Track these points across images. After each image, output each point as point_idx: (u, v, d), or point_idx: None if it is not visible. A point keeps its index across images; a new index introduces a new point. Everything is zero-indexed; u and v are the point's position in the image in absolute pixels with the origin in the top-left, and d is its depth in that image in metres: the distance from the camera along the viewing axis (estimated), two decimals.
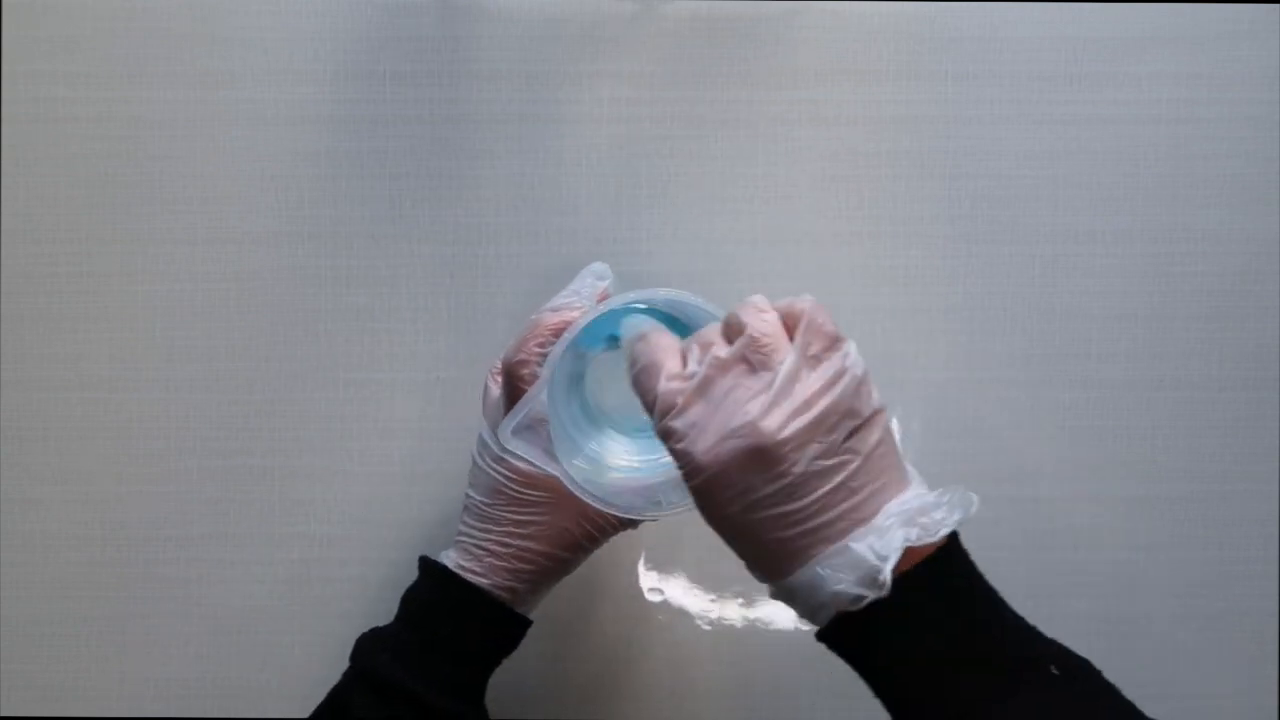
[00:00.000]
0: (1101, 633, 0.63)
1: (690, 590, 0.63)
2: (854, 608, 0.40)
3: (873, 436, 0.41)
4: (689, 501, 0.44)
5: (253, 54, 0.63)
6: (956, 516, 0.41)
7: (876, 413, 0.42)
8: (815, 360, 0.42)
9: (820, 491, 0.40)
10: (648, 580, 0.63)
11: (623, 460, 0.52)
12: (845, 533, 0.40)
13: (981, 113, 0.63)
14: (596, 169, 0.63)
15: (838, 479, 0.40)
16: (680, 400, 0.42)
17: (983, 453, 0.64)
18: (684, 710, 0.63)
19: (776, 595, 0.43)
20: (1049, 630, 0.43)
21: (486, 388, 0.55)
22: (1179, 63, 0.63)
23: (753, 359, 0.42)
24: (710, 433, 0.41)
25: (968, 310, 0.63)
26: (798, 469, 0.40)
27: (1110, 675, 0.42)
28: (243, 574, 0.63)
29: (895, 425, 0.62)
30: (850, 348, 0.43)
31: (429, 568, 0.54)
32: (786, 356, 0.41)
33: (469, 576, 0.52)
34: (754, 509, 0.41)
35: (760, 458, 0.40)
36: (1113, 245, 0.63)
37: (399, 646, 0.52)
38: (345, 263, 0.63)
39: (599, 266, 0.58)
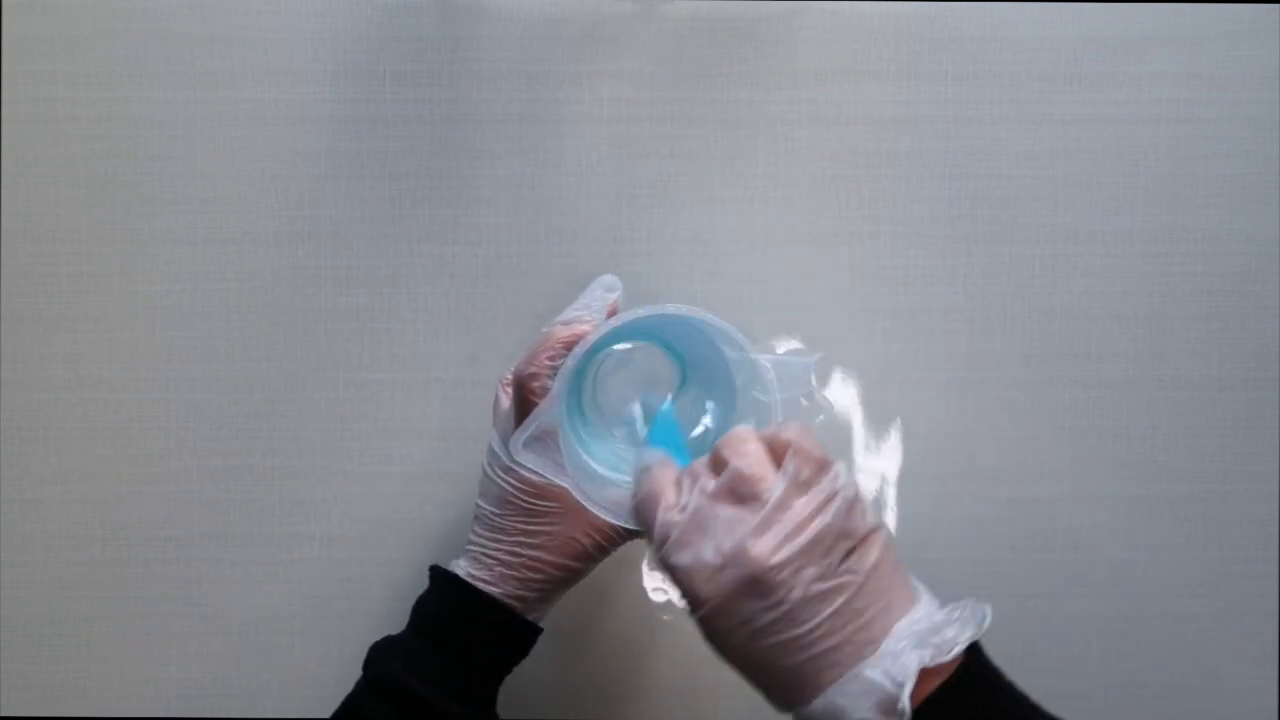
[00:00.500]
0: (1101, 633, 0.63)
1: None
2: None
3: (871, 556, 0.42)
4: None
5: (253, 54, 0.63)
6: (969, 633, 0.41)
7: (873, 531, 0.42)
8: (805, 485, 0.42)
9: (822, 615, 0.40)
10: (653, 580, 0.63)
11: (631, 474, 0.53)
12: (855, 656, 0.40)
13: (981, 113, 0.63)
14: (596, 169, 0.63)
15: (839, 601, 0.41)
16: (675, 533, 0.43)
17: (983, 453, 0.64)
18: (689, 710, 0.63)
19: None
20: (1050, 630, 0.43)
21: (497, 399, 0.55)
22: (1179, 63, 0.63)
23: (740, 492, 0.42)
24: (706, 564, 0.42)
25: (968, 310, 0.63)
26: (795, 594, 0.40)
27: (1110, 675, 0.42)
28: (243, 574, 0.63)
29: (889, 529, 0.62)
30: (839, 469, 0.43)
31: (440, 577, 0.54)
32: (775, 485, 0.42)
33: (480, 585, 0.52)
34: (758, 637, 0.41)
35: (756, 586, 0.41)
36: (1113, 245, 0.63)
37: (411, 654, 0.52)
38: (345, 263, 0.63)
39: (609, 279, 0.58)
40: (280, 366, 0.63)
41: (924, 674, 0.40)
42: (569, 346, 0.52)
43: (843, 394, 0.63)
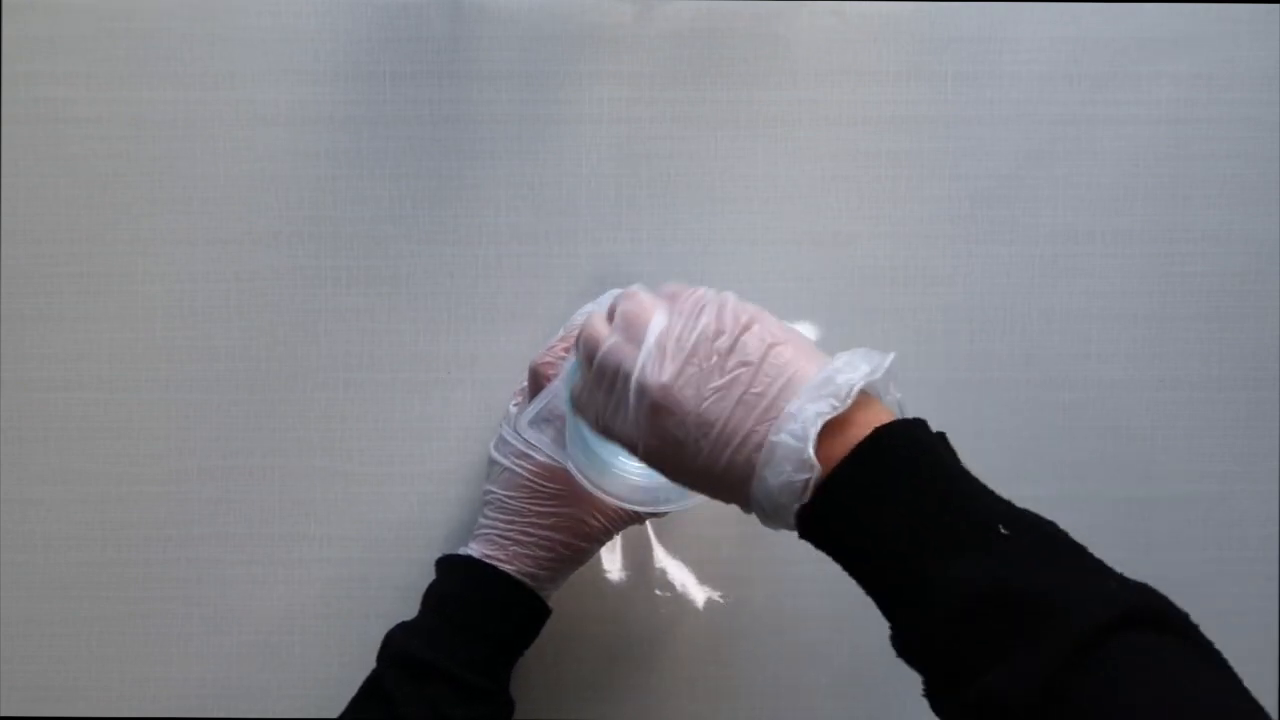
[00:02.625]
0: None
1: (697, 589, 0.63)
2: (806, 498, 0.41)
3: (755, 342, 0.43)
4: (686, 498, 0.45)
5: (253, 54, 0.63)
6: (861, 371, 0.42)
7: (750, 320, 0.44)
8: (678, 312, 0.44)
9: (727, 409, 0.42)
10: (656, 580, 0.63)
11: (631, 463, 0.53)
12: (767, 434, 0.42)
13: (981, 113, 0.63)
14: (596, 169, 0.63)
15: (738, 392, 0.42)
16: (585, 396, 0.46)
17: (983, 453, 0.63)
18: (692, 709, 0.63)
19: (765, 522, 0.44)
20: None
21: (509, 406, 0.59)
22: (1179, 63, 0.63)
23: (630, 334, 0.45)
24: (618, 407, 0.44)
25: (968, 310, 0.63)
26: (695, 400, 0.42)
27: None
28: (243, 574, 0.63)
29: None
30: (705, 289, 0.45)
31: (452, 561, 0.56)
32: (652, 320, 0.44)
33: (494, 564, 0.54)
34: (688, 453, 0.43)
35: (661, 410, 0.43)
36: (1113, 245, 0.63)
37: (431, 633, 0.54)
38: (345, 263, 0.63)
39: (617, 292, 0.60)
40: (280, 366, 0.63)
41: (851, 429, 0.41)
42: None
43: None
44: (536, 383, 0.55)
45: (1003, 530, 0.40)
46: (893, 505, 0.40)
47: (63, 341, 0.63)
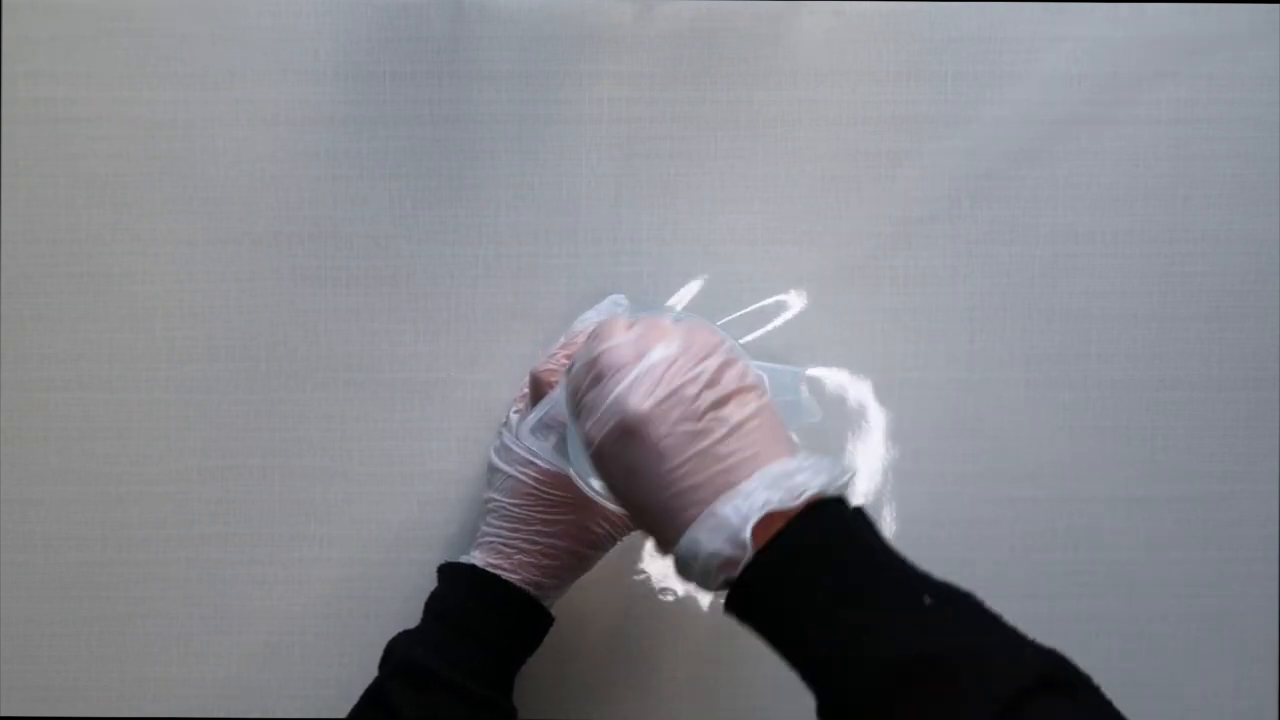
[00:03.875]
0: (1101, 633, 0.63)
1: (698, 588, 0.63)
2: (732, 573, 0.42)
3: (745, 408, 0.44)
4: None
5: (253, 54, 0.63)
6: (821, 480, 0.43)
7: (745, 390, 0.45)
8: (687, 350, 0.45)
9: (687, 454, 0.43)
10: (657, 579, 0.63)
11: None
12: (714, 496, 0.43)
13: (981, 113, 0.63)
14: (596, 169, 0.63)
15: (704, 444, 0.43)
16: (576, 381, 0.47)
17: (983, 453, 0.64)
18: (692, 710, 0.63)
19: (678, 572, 0.45)
20: (1050, 630, 0.42)
21: (508, 414, 0.58)
22: (1179, 63, 0.63)
23: (639, 346, 0.45)
24: (593, 410, 0.45)
25: (968, 310, 0.63)
26: (662, 433, 0.43)
27: (1111, 675, 0.42)
28: (243, 574, 0.63)
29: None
30: (727, 340, 0.46)
31: (455, 569, 0.56)
32: (663, 336, 0.45)
33: (498, 573, 0.54)
34: (635, 476, 0.44)
35: (629, 431, 0.43)
36: (1113, 245, 0.63)
37: (433, 641, 0.54)
38: (345, 263, 0.63)
39: (618, 297, 0.62)
40: (280, 366, 0.63)
41: (778, 516, 0.42)
42: None
43: (842, 394, 0.63)
44: (538, 389, 0.55)
45: (927, 600, 0.41)
46: (814, 585, 0.41)
47: (63, 341, 0.63)
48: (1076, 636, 0.63)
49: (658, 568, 0.63)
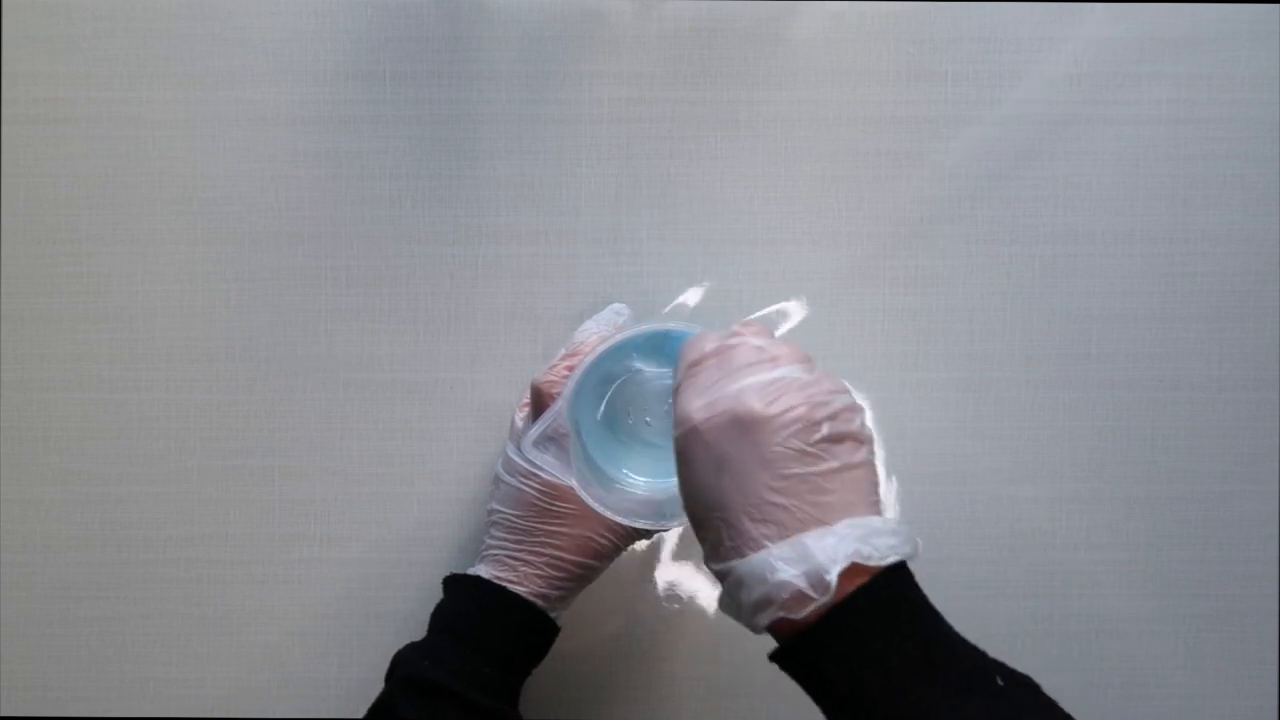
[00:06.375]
0: (1101, 633, 0.63)
1: (698, 588, 0.63)
2: (795, 613, 0.40)
3: (854, 455, 0.43)
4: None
5: (253, 54, 0.63)
6: (907, 549, 0.42)
7: (861, 437, 0.43)
8: (829, 380, 0.44)
9: (790, 471, 0.42)
10: (663, 581, 0.63)
11: (637, 478, 0.54)
12: (801, 527, 0.41)
13: (981, 113, 0.63)
14: (596, 169, 0.63)
15: (809, 469, 0.42)
16: (699, 357, 0.45)
17: (982, 453, 0.64)
18: (692, 709, 0.63)
19: (726, 590, 0.43)
20: (1050, 630, 0.43)
21: (513, 419, 0.58)
22: (1179, 63, 0.63)
23: (772, 354, 0.44)
24: (706, 393, 0.43)
25: (968, 310, 0.63)
26: (774, 441, 0.42)
27: (1110, 675, 0.42)
28: (243, 574, 0.63)
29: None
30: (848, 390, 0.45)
31: (462, 582, 0.55)
32: (799, 360, 0.44)
33: (504, 585, 0.54)
34: (725, 472, 0.42)
35: (741, 426, 0.42)
36: (1113, 245, 0.63)
37: (439, 654, 0.54)
38: (345, 263, 0.63)
39: (619, 306, 0.62)
40: (280, 366, 0.63)
41: (855, 572, 0.41)
42: None
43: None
44: (539, 401, 0.55)
45: (999, 682, 0.40)
46: (897, 649, 0.40)
47: (63, 341, 0.63)
48: (1076, 636, 0.63)
49: (660, 572, 0.63)
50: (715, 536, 0.43)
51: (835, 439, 0.42)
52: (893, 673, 0.40)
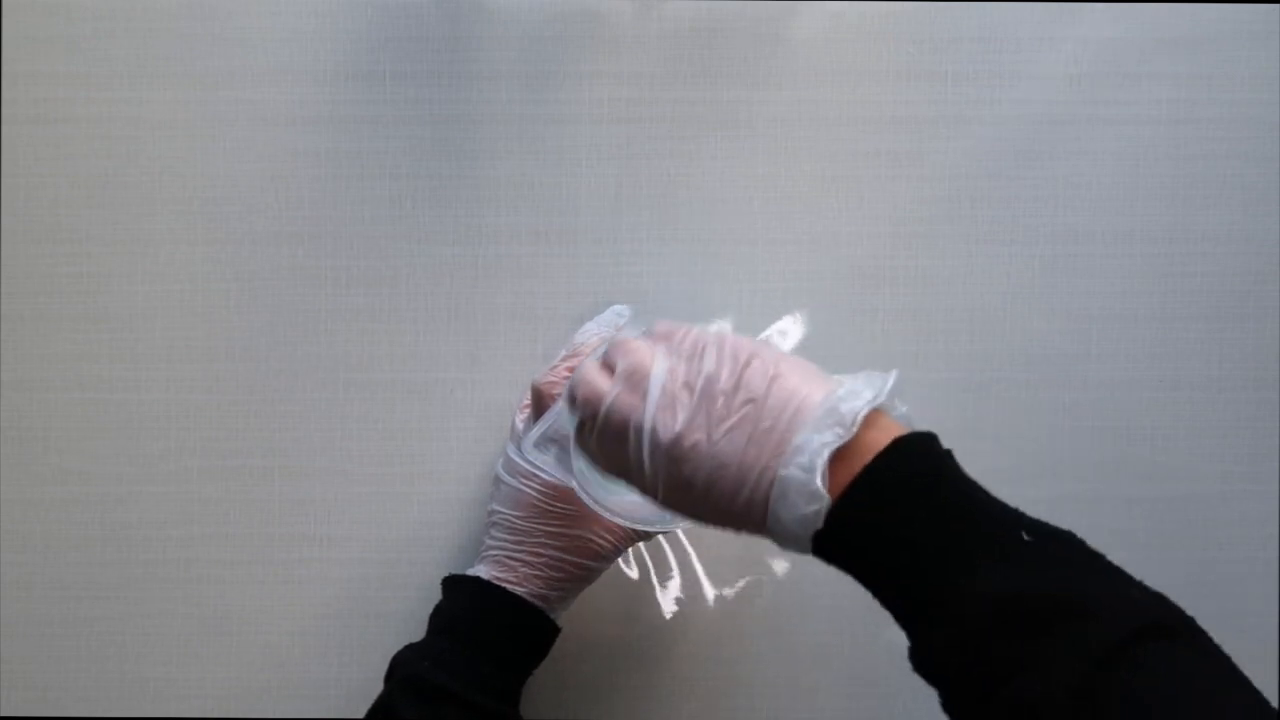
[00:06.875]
0: None
1: (698, 588, 0.63)
2: (820, 525, 0.41)
3: (758, 379, 0.43)
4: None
5: (253, 54, 0.63)
6: (865, 397, 0.42)
7: (749, 354, 0.43)
8: (678, 356, 0.44)
9: (739, 449, 0.42)
10: (663, 582, 0.63)
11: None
12: (776, 467, 0.41)
13: (981, 113, 0.63)
14: (596, 169, 0.63)
15: (747, 430, 0.42)
16: (595, 446, 0.46)
17: (983, 453, 0.63)
18: (692, 709, 0.63)
19: (784, 548, 0.43)
20: None
21: (513, 421, 0.58)
22: (1179, 63, 0.63)
23: (631, 383, 0.44)
24: (636, 469, 0.44)
25: (968, 310, 0.63)
26: (709, 444, 0.42)
27: None
28: (243, 574, 0.63)
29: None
30: (698, 327, 0.45)
31: (461, 583, 0.55)
32: (654, 368, 0.44)
33: (504, 586, 0.54)
34: (706, 495, 0.43)
35: (677, 458, 0.42)
36: (1113, 245, 0.63)
37: (439, 654, 0.54)
38: (345, 263, 0.63)
39: (619, 307, 0.62)
40: (280, 366, 0.63)
41: (861, 448, 0.41)
42: None
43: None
44: (540, 402, 0.55)
45: (1025, 537, 0.40)
46: (910, 520, 0.40)
47: (63, 341, 0.63)
48: None
49: (660, 573, 0.63)
50: (741, 529, 0.43)
51: (739, 385, 0.42)
52: (909, 542, 0.40)
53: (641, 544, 0.63)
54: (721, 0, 0.63)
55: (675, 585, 0.63)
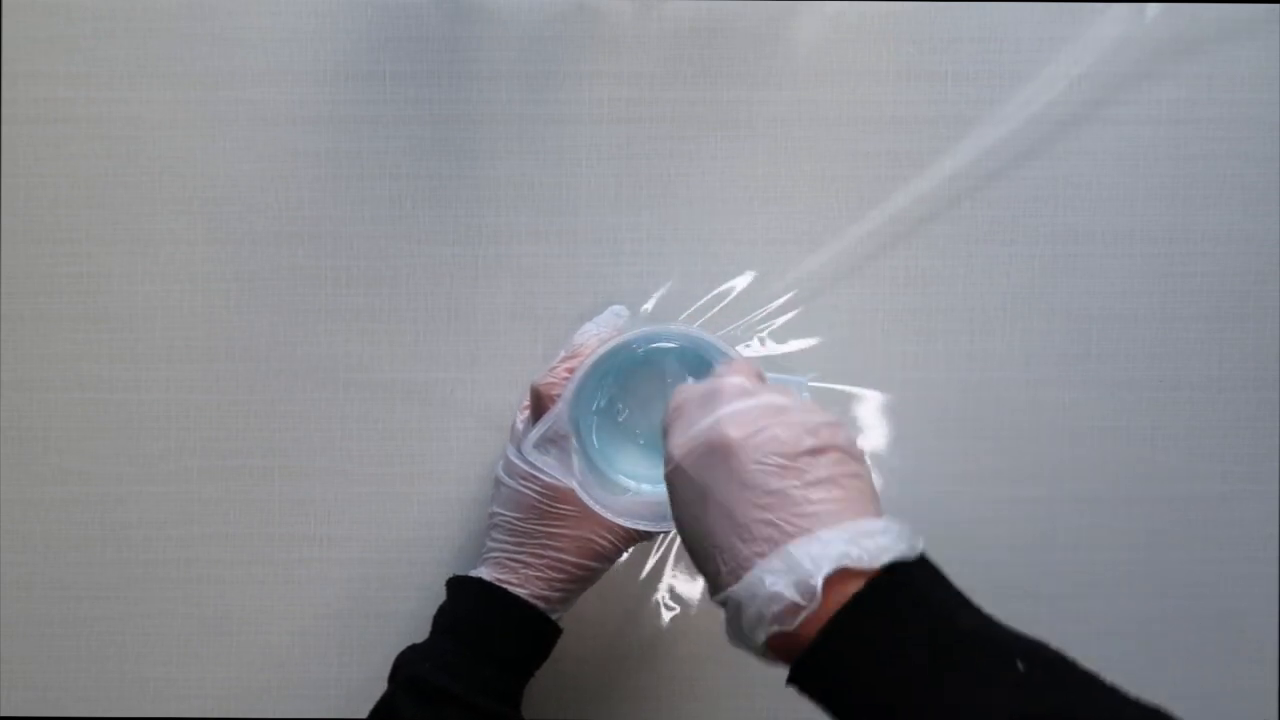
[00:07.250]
0: (1101, 632, 0.63)
1: (699, 588, 0.63)
2: (789, 625, 0.40)
3: (836, 467, 0.42)
4: None
5: (253, 54, 0.63)
6: (903, 545, 0.41)
7: (844, 451, 0.43)
8: (801, 408, 0.44)
9: (770, 487, 0.41)
10: (664, 583, 0.63)
11: (637, 481, 0.54)
12: (787, 539, 0.40)
13: (981, 113, 0.63)
14: (596, 169, 0.63)
15: (789, 483, 0.41)
16: (684, 400, 0.46)
17: (983, 453, 0.64)
18: (692, 709, 0.63)
19: (728, 621, 0.43)
20: (1050, 630, 0.42)
21: (514, 422, 0.58)
22: (1179, 63, 0.63)
23: (751, 389, 0.45)
24: (687, 429, 0.44)
25: (968, 310, 0.63)
26: (752, 463, 0.42)
27: (1111, 675, 0.41)
28: (243, 574, 0.63)
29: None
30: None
31: (464, 584, 0.56)
32: (780, 393, 0.45)
33: (506, 588, 0.54)
34: (709, 500, 0.42)
35: (718, 453, 0.42)
36: (1113, 245, 0.63)
37: (441, 656, 0.54)
38: (345, 263, 0.63)
39: (618, 308, 0.62)
40: (280, 366, 0.63)
41: (850, 575, 0.40)
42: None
43: (844, 396, 0.63)
44: (539, 403, 0.55)
45: (1020, 666, 0.39)
46: (908, 648, 0.39)
47: (63, 341, 0.63)
48: (1076, 636, 0.63)
49: (660, 573, 0.63)
50: (713, 567, 0.43)
51: (817, 451, 0.42)
52: (901, 676, 0.39)
53: (642, 544, 0.63)
54: (721, 0, 0.63)
55: (676, 586, 0.63)
